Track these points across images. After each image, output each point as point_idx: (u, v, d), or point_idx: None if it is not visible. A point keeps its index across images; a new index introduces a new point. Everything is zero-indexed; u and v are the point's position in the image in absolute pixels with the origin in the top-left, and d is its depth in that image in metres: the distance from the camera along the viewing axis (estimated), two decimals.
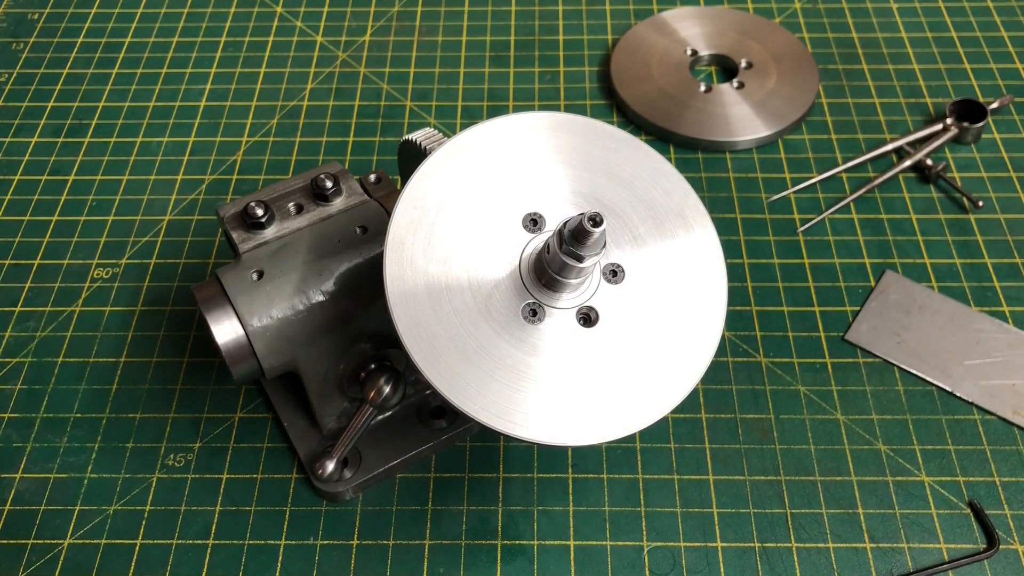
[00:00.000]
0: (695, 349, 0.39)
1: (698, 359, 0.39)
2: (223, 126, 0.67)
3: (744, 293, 0.57)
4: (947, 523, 0.48)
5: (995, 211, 0.61)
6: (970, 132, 0.64)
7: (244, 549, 0.48)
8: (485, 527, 0.48)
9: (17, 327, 0.56)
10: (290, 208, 0.47)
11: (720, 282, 0.40)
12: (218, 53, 0.72)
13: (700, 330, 0.39)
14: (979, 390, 0.52)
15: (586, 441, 0.36)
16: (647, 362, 0.38)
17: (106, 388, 0.54)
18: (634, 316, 0.38)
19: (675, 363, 0.38)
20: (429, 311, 0.36)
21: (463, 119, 0.67)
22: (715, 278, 0.40)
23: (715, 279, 0.40)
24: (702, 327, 0.39)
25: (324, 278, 0.44)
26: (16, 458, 0.51)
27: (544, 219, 0.39)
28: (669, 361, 0.38)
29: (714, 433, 0.51)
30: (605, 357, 0.37)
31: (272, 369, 0.44)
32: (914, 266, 0.58)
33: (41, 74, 0.71)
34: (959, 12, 0.74)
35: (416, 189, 0.38)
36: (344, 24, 0.74)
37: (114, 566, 0.47)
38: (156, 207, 0.62)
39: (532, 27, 0.74)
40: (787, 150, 0.65)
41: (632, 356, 0.38)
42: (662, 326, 0.38)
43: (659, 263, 0.40)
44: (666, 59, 0.70)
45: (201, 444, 0.51)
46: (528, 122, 0.41)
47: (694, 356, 0.39)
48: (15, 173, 0.65)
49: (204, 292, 0.44)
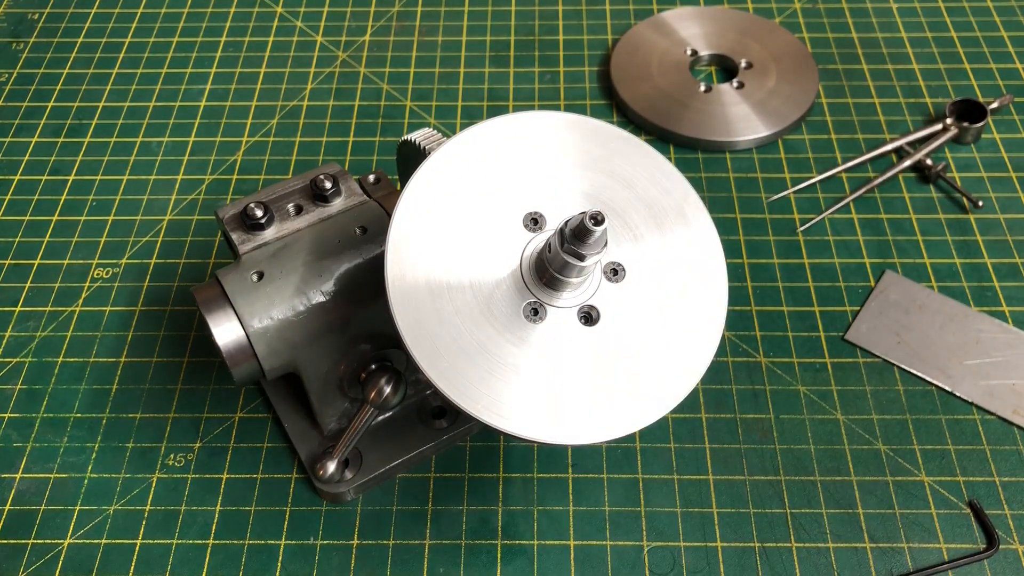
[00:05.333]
0: (695, 348, 0.39)
1: (698, 359, 0.39)
2: (223, 126, 0.67)
3: (744, 293, 0.57)
4: (947, 523, 0.48)
5: (995, 211, 0.61)
6: (970, 132, 0.64)
7: (244, 549, 0.48)
8: (485, 527, 0.48)
9: (17, 327, 0.56)
10: (289, 209, 0.47)
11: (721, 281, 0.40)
12: (218, 53, 0.72)
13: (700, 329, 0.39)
14: (979, 390, 0.52)
15: (586, 440, 0.36)
16: (647, 361, 0.38)
17: (106, 388, 0.54)
18: (635, 315, 0.38)
19: (675, 362, 0.38)
20: (430, 311, 0.36)
21: (463, 119, 0.67)
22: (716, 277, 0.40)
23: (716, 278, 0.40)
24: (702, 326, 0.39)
25: (324, 279, 0.44)
26: (16, 458, 0.51)
27: (545, 218, 0.39)
28: (669, 360, 0.38)
29: (714, 433, 0.51)
30: (606, 356, 0.37)
31: (273, 370, 0.44)
32: (914, 266, 0.58)
33: (41, 74, 0.71)
34: (959, 12, 0.74)
35: (417, 189, 0.38)
36: (344, 24, 0.74)
37: (114, 566, 0.47)
38: (156, 207, 0.62)
39: (532, 27, 0.74)
40: (787, 150, 0.65)
41: (632, 355, 0.38)
42: (662, 325, 0.38)
43: (660, 262, 0.40)
44: (666, 59, 0.70)
45: (201, 444, 0.51)
46: (528, 122, 0.41)
47: (694, 355, 0.39)
48: (15, 173, 0.65)
49: (204, 293, 0.44)
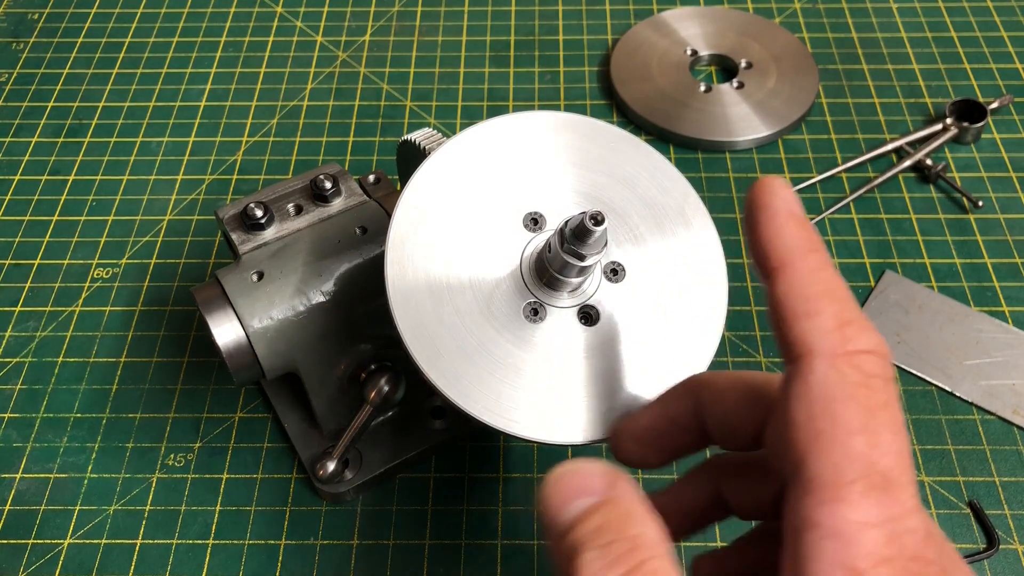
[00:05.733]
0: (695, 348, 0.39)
1: (698, 359, 0.39)
2: (223, 126, 0.67)
3: (744, 293, 0.57)
4: (947, 523, 0.48)
5: (995, 211, 0.61)
6: (970, 132, 0.64)
7: (244, 549, 0.48)
8: (485, 527, 0.48)
9: (17, 327, 0.56)
10: (289, 209, 0.47)
11: (721, 281, 0.40)
12: (218, 53, 0.72)
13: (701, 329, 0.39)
14: (979, 390, 0.52)
15: (586, 440, 0.36)
16: (648, 361, 0.38)
17: (106, 388, 0.54)
18: (635, 315, 0.38)
19: (675, 362, 0.38)
20: (430, 311, 0.36)
21: (463, 119, 0.67)
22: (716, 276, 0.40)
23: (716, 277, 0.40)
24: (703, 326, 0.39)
25: (324, 279, 0.44)
26: (16, 458, 0.51)
27: (545, 218, 0.39)
28: (669, 360, 0.38)
29: None
30: (606, 356, 0.37)
31: (273, 370, 0.44)
32: (914, 266, 0.58)
33: (41, 74, 0.71)
34: (959, 12, 0.74)
35: (417, 189, 0.38)
36: (344, 24, 0.74)
37: (114, 566, 0.47)
38: (156, 207, 0.62)
39: (532, 27, 0.74)
40: (787, 150, 0.65)
41: (633, 355, 0.38)
42: (663, 325, 0.38)
43: (659, 262, 0.40)
44: (666, 59, 0.70)
45: (201, 444, 0.51)
46: (528, 121, 0.41)
47: (694, 355, 0.39)
48: (15, 173, 0.65)
49: (204, 293, 0.44)
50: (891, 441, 0.25)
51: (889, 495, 0.24)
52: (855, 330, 0.26)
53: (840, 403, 0.25)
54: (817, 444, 0.25)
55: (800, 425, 0.25)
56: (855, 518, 0.24)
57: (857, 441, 0.25)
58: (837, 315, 0.26)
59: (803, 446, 0.25)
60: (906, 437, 0.26)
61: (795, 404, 0.26)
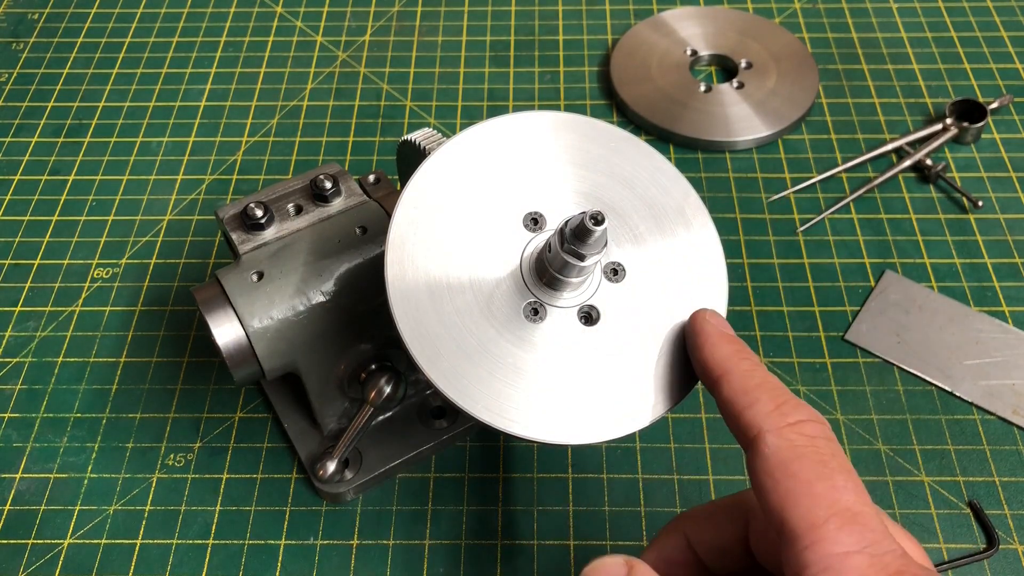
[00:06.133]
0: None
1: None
2: (223, 126, 0.67)
3: (744, 293, 0.57)
4: (947, 523, 0.48)
5: (995, 211, 0.61)
6: (970, 132, 0.64)
7: (244, 549, 0.48)
8: (485, 527, 0.48)
9: (17, 327, 0.56)
10: (289, 209, 0.47)
11: (721, 281, 0.40)
12: (218, 53, 0.72)
13: None
14: (979, 390, 0.52)
15: (586, 440, 0.36)
16: (648, 361, 0.38)
17: (106, 388, 0.54)
18: (635, 315, 0.38)
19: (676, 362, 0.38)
20: (430, 311, 0.36)
21: (463, 119, 0.67)
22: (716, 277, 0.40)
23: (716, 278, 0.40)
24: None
25: (324, 279, 0.44)
26: (16, 458, 0.51)
27: (545, 218, 0.39)
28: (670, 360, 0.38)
29: (714, 433, 0.51)
30: (606, 356, 0.37)
31: (273, 370, 0.44)
32: (914, 266, 0.58)
33: (41, 74, 0.71)
34: (959, 12, 0.74)
35: (417, 189, 0.38)
36: (344, 24, 0.74)
37: (114, 566, 0.47)
38: (156, 207, 0.62)
39: (532, 27, 0.74)
40: (787, 150, 0.65)
41: (633, 355, 0.38)
42: (663, 325, 0.38)
43: (660, 262, 0.40)
44: (666, 59, 0.70)
45: (201, 444, 0.51)
46: (528, 121, 0.41)
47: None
48: (15, 173, 0.65)
49: (204, 293, 0.44)
50: (846, 480, 0.29)
51: (860, 524, 0.28)
52: (790, 407, 0.31)
53: (795, 462, 0.30)
54: (788, 500, 0.29)
55: (770, 491, 0.30)
56: (837, 550, 0.28)
57: (819, 487, 0.29)
58: (773, 399, 0.32)
59: (779, 507, 0.29)
60: (858, 478, 0.29)
61: (762, 477, 0.30)
